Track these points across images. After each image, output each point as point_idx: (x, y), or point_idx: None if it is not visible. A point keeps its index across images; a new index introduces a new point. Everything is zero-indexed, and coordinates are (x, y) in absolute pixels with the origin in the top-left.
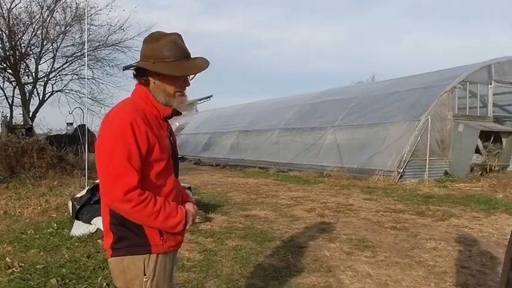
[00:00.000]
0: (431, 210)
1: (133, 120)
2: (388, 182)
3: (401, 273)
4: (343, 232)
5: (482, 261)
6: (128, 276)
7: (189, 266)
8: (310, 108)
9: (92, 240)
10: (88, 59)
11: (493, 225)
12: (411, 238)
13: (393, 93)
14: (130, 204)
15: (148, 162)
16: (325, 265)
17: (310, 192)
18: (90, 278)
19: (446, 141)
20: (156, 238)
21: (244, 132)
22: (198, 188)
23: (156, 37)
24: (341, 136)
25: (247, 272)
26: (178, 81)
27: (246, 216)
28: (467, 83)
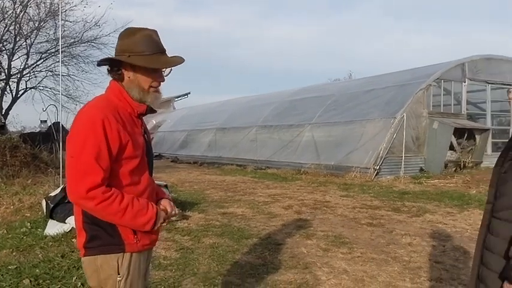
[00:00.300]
0: (407, 207)
1: (104, 117)
2: (365, 178)
3: (377, 269)
4: (320, 229)
5: (456, 256)
6: (102, 276)
7: (165, 264)
8: (288, 106)
9: (66, 240)
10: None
11: (466, 221)
12: (387, 234)
13: (369, 90)
14: (93, 202)
15: (121, 160)
16: (302, 262)
17: (288, 189)
18: (64, 278)
19: (421, 138)
20: (130, 237)
21: (222, 129)
22: (175, 186)
23: (131, 32)
24: (318, 133)
25: (224, 269)
26: (154, 75)
27: (223, 213)
28: (441, 81)
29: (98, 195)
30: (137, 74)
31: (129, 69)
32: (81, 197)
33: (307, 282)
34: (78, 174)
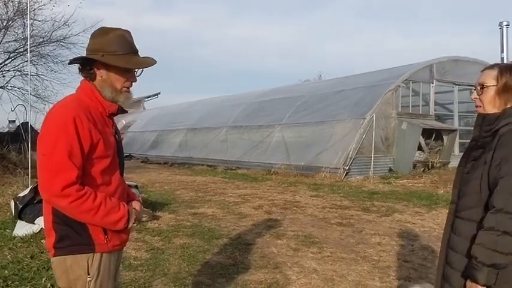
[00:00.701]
0: (376, 206)
1: (76, 116)
2: (335, 178)
3: (347, 268)
4: (290, 229)
5: (424, 255)
6: (71, 276)
7: (135, 264)
8: (258, 106)
9: (35, 241)
10: (31, 55)
11: (434, 220)
12: (356, 234)
13: (339, 91)
14: (67, 200)
15: (92, 159)
16: (272, 262)
17: (258, 189)
18: (33, 279)
19: (390, 139)
20: (100, 237)
21: (192, 130)
22: (145, 187)
23: (104, 31)
24: (288, 134)
25: (195, 269)
26: (126, 75)
27: (193, 214)
28: (410, 82)
29: (72, 193)
30: (110, 73)
31: (102, 68)
32: (55, 195)
33: (277, 282)
34: (52, 171)
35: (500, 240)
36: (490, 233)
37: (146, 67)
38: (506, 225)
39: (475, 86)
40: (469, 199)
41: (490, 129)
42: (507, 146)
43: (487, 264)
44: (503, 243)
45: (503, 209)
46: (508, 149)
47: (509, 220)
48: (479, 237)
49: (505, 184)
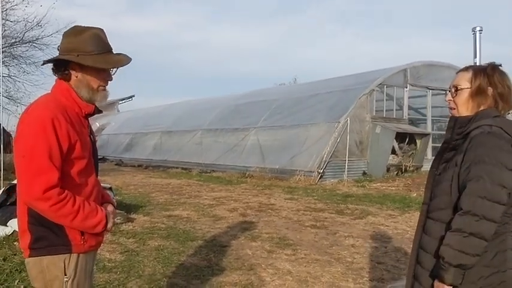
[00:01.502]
0: (350, 209)
1: (54, 116)
2: (309, 182)
3: (321, 270)
4: (264, 231)
5: (397, 256)
6: (47, 277)
7: (110, 266)
8: (233, 110)
9: (8, 243)
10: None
11: (407, 223)
12: (330, 236)
13: (314, 95)
14: (48, 203)
15: (70, 160)
16: (247, 263)
17: (233, 192)
18: (6, 281)
19: (364, 142)
20: (77, 238)
21: (167, 132)
22: (119, 189)
23: (78, 31)
24: (263, 137)
25: (170, 271)
26: (102, 74)
27: (168, 216)
28: (384, 86)
29: (53, 196)
30: (86, 73)
31: (78, 69)
32: (35, 198)
33: (252, 284)
34: (32, 173)
35: (466, 241)
36: (457, 234)
37: (123, 66)
38: (472, 227)
39: (450, 88)
40: (440, 200)
41: (462, 131)
42: (477, 148)
43: (453, 264)
44: (469, 244)
45: (470, 211)
46: (478, 151)
47: (475, 222)
48: (447, 238)
49: (473, 187)
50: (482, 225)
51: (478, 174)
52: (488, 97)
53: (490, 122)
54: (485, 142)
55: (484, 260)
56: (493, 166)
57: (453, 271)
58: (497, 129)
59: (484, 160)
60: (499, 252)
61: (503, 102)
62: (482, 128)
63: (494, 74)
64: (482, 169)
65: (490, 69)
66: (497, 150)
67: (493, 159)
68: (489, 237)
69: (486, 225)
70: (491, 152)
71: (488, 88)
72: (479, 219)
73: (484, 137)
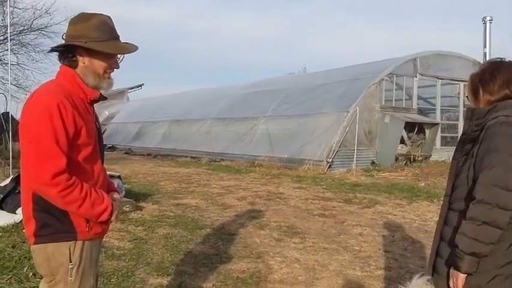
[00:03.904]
0: (358, 198)
1: (60, 101)
2: (318, 171)
3: (329, 258)
4: (273, 219)
5: (404, 245)
6: (53, 264)
7: (119, 254)
8: (242, 99)
9: (17, 230)
10: (12, 44)
11: (415, 212)
12: (338, 225)
13: (323, 84)
14: (57, 189)
15: (75, 146)
16: (255, 251)
17: (242, 181)
18: (15, 268)
19: (373, 132)
20: (82, 225)
21: (176, 121)
22: (128, 178)
23: (85, 17)
24: (272, 126)
25: (178, 259)
26: (110, 61)
27: (177, 204)
28: (394, 76)
29: (62, 182)
30: (93, 60)
31: (85, 55)
32: (44, 183)
33: (259, 271)
34: (40, 159)
35: (480, 230)
36: (471, 222)
37: (130, 53)
38: (486, 216)
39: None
40: (460, 191)
41: (480, 123)
42: (491, 138)
43: (467, 252)
44: (483, 233)
45: (483, 200)
46: (491, 140)
47: (488, 211)
48: (462, 226)
49: (486, 175)
50: (496, 213)
51: (492, 162)
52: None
53: (507, 113)
54: (499, 131)
55: (500, 249)
56: (507, 155)
57: (468, 259)
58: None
59: (497, 149)
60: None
61: None
62: (498, 118)
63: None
64: (495, 158)
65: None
66: (510, 140)
67: (507, 148)
68: (503, 226)
69: (499, 213)
70: (505, 141)
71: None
72: (492, 208)
73: (499, 126)
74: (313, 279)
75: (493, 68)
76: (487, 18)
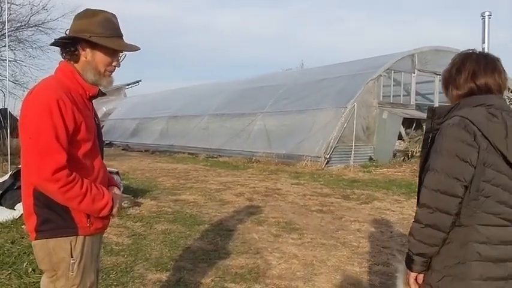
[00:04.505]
0: (356, 194)
1: (59, 97)
2: (315, 167)
3: (327, 254)
4: (271, 215)
5: (402, 241)
6: (54, 259)
7: (117, 250)
8: (240, 95)
9: (16, 226)
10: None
11: (412, 208)
12: (336, 220)
13: (321, 80)
14: (58, 184)
15: (75, 142)
16: (254, 247)
17: (239, 177)
18: (14, 263)
19: (371, 128)
20: (83, 220)
21: (173, 117)
22: (126, 174)
23: (91, 13)
24: (270, 122)
25: (176, 255)
26: (112, 57)
27: (175, 200)
28: (392, 72)
29: (62, 178)
30: (95, 55)
31: (88, 50)
32: (45, 179)
33: (258, 267)
34: (40, 154)
35: (424, 232)
36: (416, 224)
37: (132, 51)
38: (428, 219)
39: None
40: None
41: (441, 122)
42: (438, 140)
43: (415, 253)
44: (426, 235)
45: (425, 204)
46: (438, 143)
47: (430, 214)
48: (411, 227)
49: (428, 179)
50: (437, 217)
51: (434, 166)
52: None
53: (462, 113)
54: (447, 134)
55: (448, 250)
56: (448, 158)
57: (416, 259)
58: (463, 121)
59: (441, 152)
60: (462, 244)
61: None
62: (452, 119)
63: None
64: (438, 161)
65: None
66: (455, 142)
67: (450, 151)
68: (445, 229)
69: (440, 217)
70: (449, 144)
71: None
72: (434, 212)
73: (447, 128)
74: (312, 275)
75: (459, 62)
76: (486, 14)
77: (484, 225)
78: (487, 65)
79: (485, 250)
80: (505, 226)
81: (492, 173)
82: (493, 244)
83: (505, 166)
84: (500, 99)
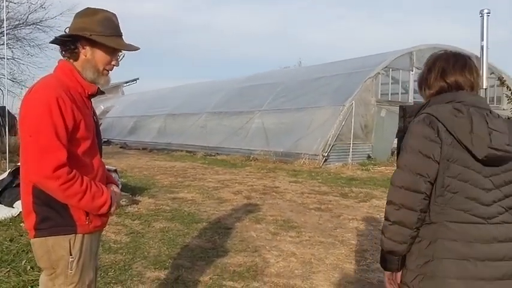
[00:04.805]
0: (354, 192)
1: (58, 95)
2: (313, 165)
3: (325, 252)
4: (269, 213)
5: None
6: (53, 257)
7: (115, 248)
8: (238, 93)
9: (14, 224)
10: (7, 38)
11: None
12: (335, 218)
13: (319, 78)
14: (58, 182)
15: (75, 140)
16: (252, 245)
17: (237, 175)
18: (13, 261)
19: (369, 126)
20: (82, 218)
21: (171, 115)
22: (124, 172)
23: (92, 12)
24: (268, 120)
25: (175, 253)
26: (111, 57)
27: (173, 198)
28: (390, 70)
29: (63, 175)
30: (95, 53)
31: (88, 48)
32: (46, 176)
33: (256, 265)
34: (41, 152)
35: (392, 229)
36: (385, 222)
37: (132, 50)
38: (394, 216)
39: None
40: None
41: (412, 120)
42: (405, 137)
43: (386, 251)
44: (394, 232)
45: (391, 201)
46: (404, 140)
47: (395, 211)
48: (382, 225)
49: (394, 176)
50: (403, 214)
51: (399, 163)
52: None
53: (430, 111)
54: (411, 130)
55: (419, 248)
56: (412, 155)
57: (388, 257)
58: (428, 117)
59: (406, 149)
60: (432, 241)
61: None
62: (419, 116)
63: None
64: (403, 158)
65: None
66: (419, 139)
67: (413, 148)
68: (411, 225)
69: (406, 213)
70: (412, 141)
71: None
72: (399, 208)
73: (412, 125)
74: (310, 273)
75: (431, 62)
76: (485, 11)
77: (454, 222)
78: (457, 63)
79: (456, 247)
80: (478, 223)
81: (458, 168)
82: (467, 241)
83: (472, 161)
84: (472, 96)
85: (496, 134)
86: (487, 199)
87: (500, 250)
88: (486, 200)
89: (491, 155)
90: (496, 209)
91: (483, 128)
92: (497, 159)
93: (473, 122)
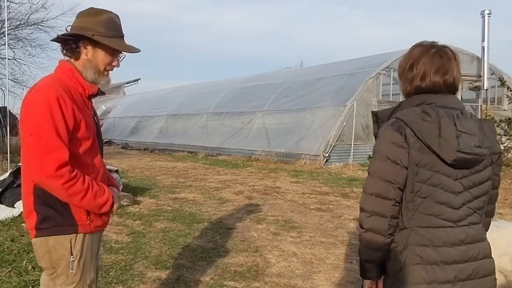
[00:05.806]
0: (355, 193)
1: (59, 95)
2: (315, 165)
3: (326, 252)
4: (270, 214)
5: None
6: (54, 257)
7: (117, 248)
8: (239, 93)
9: (15, 224)
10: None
11: None
12: (335, 219)
13: (320, 78)
14: (61, 180)
15: (75, 140)
16: (253, 245)
17: (239, 175)
18: (14, 261)
19: (370, 127)
20: (83, 218)
21: (173, 116)
22: (125, 172)
23: (95, 12)
24: (269, 121)
25: (176, 253)
26: (112, 58)
27: (174, 199)
28: (391, 70)
29: (65, 174)
30: (97, 53)
31: (90, 48)
32: (48, 176)
33: (257, 265)
34: (43, 151)
35: (365, 237)
36: (360, 229)
37: (133, 52)
38: (366, 223)
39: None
40: None
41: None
42: (376, 143)
43: (362, 259)
44: (368, 240)
45: (363, 208)
46: (374, 146)
47: (367, 218)
48: (358, 234)
49: (365, 183)
50: (374, 221)
51: (369, 170)
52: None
53: (399, 114)
54: (380, 136)
55: (395, 254)
56: (381, 161)
57: (365, 265)
58: (397, 122)
59: (375, 155)
60: (404, 247)
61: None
62: (389, 121)
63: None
64: (373, 164)
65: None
66: (386, 145)
67: (382, 154)
68: (383, 232)
69: (377, 220)
70: (381, 147)
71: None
72: (371, 215)
73: (381, 131)
74: (311, 273)
75: (416, 56)
76: (486, 12)
77: (425, 227)
78: (441, 63)
79: (426, 253)
80: (447, 227)
81: (427, 173)
82: (436, 246)
83: (442, 165)
84: (445, 97)
85: (464, 136)
86: (457, 202)
87: (467, 252)
88: (456, 203)
89: (460, 158)
90: (465, 211)
91: (451, 131)
92: (466, 162)
93: (441, 125)
